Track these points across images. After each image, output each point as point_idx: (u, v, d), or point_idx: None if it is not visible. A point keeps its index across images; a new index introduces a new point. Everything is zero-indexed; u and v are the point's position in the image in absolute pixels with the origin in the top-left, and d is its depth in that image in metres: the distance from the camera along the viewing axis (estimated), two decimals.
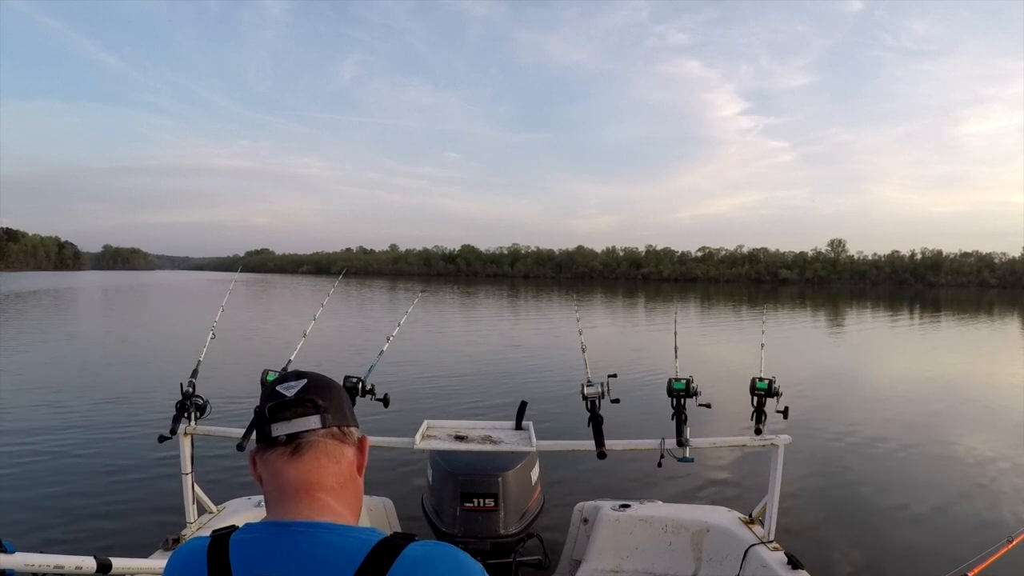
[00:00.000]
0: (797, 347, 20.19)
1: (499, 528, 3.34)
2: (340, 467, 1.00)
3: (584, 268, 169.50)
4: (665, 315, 34.31)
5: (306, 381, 1.02)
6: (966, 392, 12.81)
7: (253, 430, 2.94)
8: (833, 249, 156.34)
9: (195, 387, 3.22)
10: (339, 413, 1.03)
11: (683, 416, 3.10)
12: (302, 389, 1.00)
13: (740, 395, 3.45)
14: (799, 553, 3.03)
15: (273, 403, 1.00)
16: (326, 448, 0.99)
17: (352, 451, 1.04)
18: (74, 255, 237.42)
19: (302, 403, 0.99)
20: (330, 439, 1.00)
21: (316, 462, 0.98)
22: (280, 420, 0.98)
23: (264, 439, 1.00)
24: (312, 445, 0.98)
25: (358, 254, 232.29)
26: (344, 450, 1.02)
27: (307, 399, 0.99)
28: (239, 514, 3.50)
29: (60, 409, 9.45)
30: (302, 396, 1.00)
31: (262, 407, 1.01)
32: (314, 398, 1.00)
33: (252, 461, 1.02)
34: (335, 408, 1.02)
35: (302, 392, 1.00)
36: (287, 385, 1.01)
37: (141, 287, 67.11)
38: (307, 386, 1.01)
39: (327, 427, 1.00)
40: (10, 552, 1.95)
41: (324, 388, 1.03)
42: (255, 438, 1.03)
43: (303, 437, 0.98)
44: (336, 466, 1.00)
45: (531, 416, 3.52)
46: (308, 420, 0.99)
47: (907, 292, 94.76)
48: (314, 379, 1.04)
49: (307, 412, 0.99)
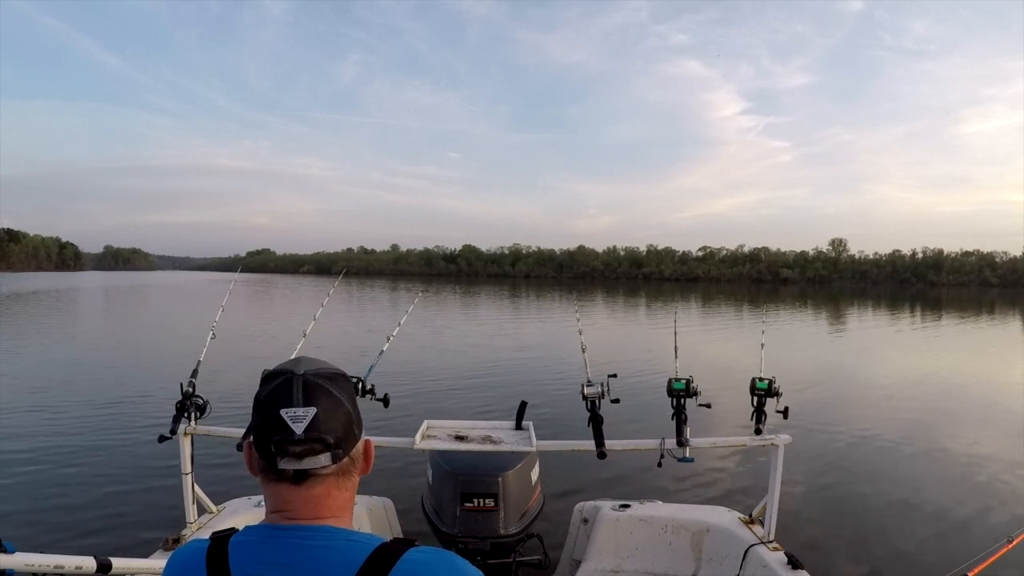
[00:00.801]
0: (798, 347, 20.17)
1: (499, 528, 3.33)
2: (346, 493, 0.98)
3: (585, 268, 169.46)
4: (666, 315, 34.29)
5: (315, 413, 0.91)
6: (967, 392, 12.80)
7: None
8: (834, 248, 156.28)
9: (195, 387, 3.22)
10: (349, 440, 0.96)
11: (683, 416, 3.09)
12: (311, 426, 0.90)
13: (740, 395, 3.45)
14: (799, 553, 3.03)
15: (279, 437, 0.91)
16: (336, 482, 0.96)
17: (357, 471, 1.00)
18: (75, 255, 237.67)
19: (314, 441, 0.91)
20: (340, 475, 0.96)
21: (326, 493, 0.95)
22: (287, 455, 0.91)
23: (270, 466, 0.93)
24: (321, 480, 0.94)
25: (359, 254, 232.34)
26: (352, 477, 0.99)
27: (318, 439, 0.91)
28: (239, 514, 3.50)
29: (60, 409, 9.45)
30: (314, 435, 0.91)
31: (266, 434, 0.92)
32: (325, 436, 0.91)
33: (248, 454, 0.98)
34: (344, 436, 0.95)
35: (311, 430, 0.90)
36: (293, 414, 0.91)
37: (142, 287, 67.13)
38: (316, 421, 0.91)
39: (338, 461, 0.94)
40: (10, 552, 1.94)
41: (333, 416, 0.93)
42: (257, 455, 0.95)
43: (312, 472, 0.93)
44: (343, 492, 0.98)
45: (531, 416, 3.51)
46: (318, 459, 0.92)
47: (908, 291, 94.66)
48: (324, 406, 0.92)
49: (317, 451, 0.92)
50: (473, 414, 9.22)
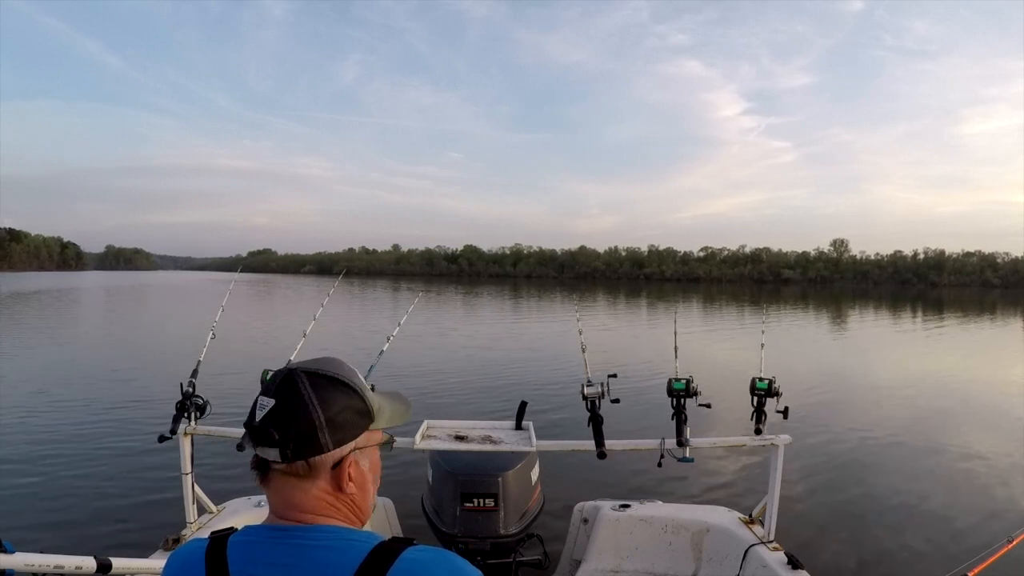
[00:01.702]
0: (798, 347, 20.16)
1: (499, 528, 3.33)
2: (309, 495, 0.94)
3: (586, 268, 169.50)
4: (666, 315, 34.26)
5: (273, 404, 0.93)
6: (967, 392, 12.77)
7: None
8: (836, 249, 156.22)
9: (195, 387, 3.22)
10: (307, 442, 0.92)
11: (683, 416, 3.09)
12: (265, 416, 0.92)
13: (740, 395, 3.45)
14: (799, 553, 3.03)
15: (248, 420, 0.95)
16: (292, 483, 0.94)
17: (322, 482, 0.95)
18: (77, 255, 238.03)
19: (263, 432, 0.92)
20: (290, 476, 0.93)
21: (281, 490, 0.95)
22: (251, 441, 0.94)
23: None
24: (275, 474, 0.94)
25: (360, 254, 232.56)
26: (306, 485, 0.94)
27: (264, 431, 0.92)
28: (239, 514, 3.50)
29: (60, 409, 9.46)
30: (264, 425, 0.92)
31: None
32: (272, 431, 0.91)
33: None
34: (300, 438, 0.92)
35: (265, 420, 0.92)
36: (261, 402, 0.94)
37: (143, 287, 67.18)
38: (270, 413, 0.92)
39: (287, 462, 0.92)
40: (10, 552, 1.94)
41: (289, 415, 0.92)
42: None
43: (268, 465, 0.94)
44: (304, 494, 0.94)
45: (531, 416, 3.51)
46: (267, 452, 0.93)
47: (910, 292, 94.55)
48: (285, 400, 0.93)
49: (266, 443, 0.92)
50: (473, 414, 9.22)
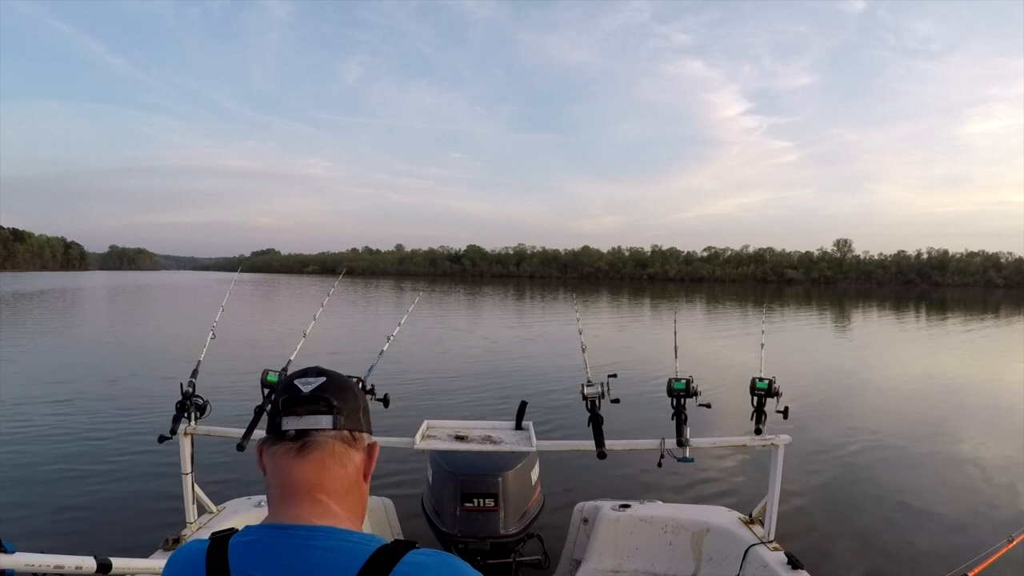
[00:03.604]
0: (799, 347, 20.13)
1: (499, 528, 3.33)
2: (346, 471, 0.99)
3: (590, 268, 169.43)
4: (668, 315, 34.22)
5: (325, 379, 1.01)
6: (968, 392, 12.73)
7: (253, 430, 2.94)
8: (839, 249, 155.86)
9: (195, 387, 3.22)
10: (353, 416, 1.01)
11: (683, 416, 3.09)
12: (319, 387, 0.99)
13: (740, 395, 3.45)
14: (799, 553, 3.03)
15: (287, 396, 0.99)
16: (333, 450, 0.98)
17: (360, 456, 1.02)
18: (80, 255, 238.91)
19: (316, 400, 0.98)
20: (339, 442, 0.99)
21: (322, 463, 0.97)
22: (292, 414, 0.97)
23: (274, 431, 0.98)
24: (320, 445, 0.97)
25: (364, 254, 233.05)
26: (352, 455, 1.00)
27: (322, 397, 0.98)
28: (239, 514, 3.51)
29: (61, 409, 9.48)
30: (318, 394, 0.98)
31: (276, 397, 1.00)
32: (329, 397, 0.99)
33: (259, 451, 1.01)
34: (349, 411, 1.01)
35: (319, 390, 0.99)
36: (305, 380, 1.00)
37: (146, 287, 67.30)
38: (324, 384, 1.00)
39: (338, 429, 0.98)
40: (10, 552, 1.95)
41: (341, 389, 1.01)
42: (266, 428, 1.02)
43: (312, 435, 0.97)
44: (342, 470, 0.99)
45: (531, 416, 3.52)
46: (320, 419, 0.97)
47: (913, 292, 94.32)
48: (333, 378, 1.02)
49: (320, 411, 0.98)
50: (473, 414, 9.22)
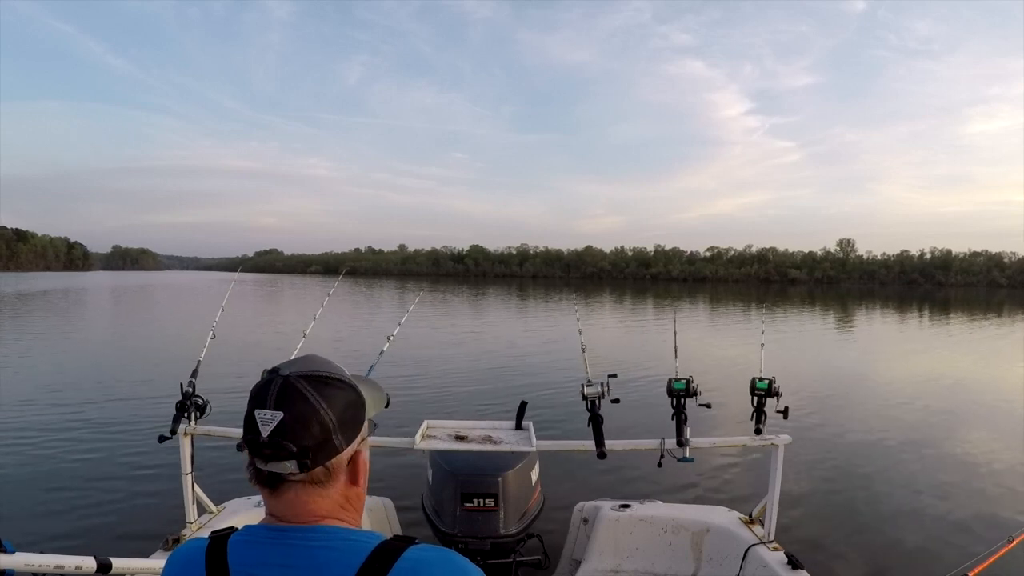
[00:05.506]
0: (800, 347, 20.09)
1: (499, 528, 3.33)
2: (329, 499, 0.94)
3: (593, 268, 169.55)
4: (670, 315, 34.18)
5: (281, 417, 0.89)
6: (968, 393, 12.68)
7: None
8: (842, 249, 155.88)
9: (195, 387, 3.23)
10: (324, 448, 0.91)
11: (683, 416, 3.09)
12: (277, 430, 0.88)
13: (740, 395, 3.44)
14: (799, 553, 3.02)
15: (250, 437, 0.91)
16: (311, 490, 0.92)
17: (341, 480, 0.96)
18: (83, 256, 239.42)
19: (277, 446, 0.89)
20: (309, 484, 0.92)
21: (297, 499, 0.93)
22: (258, 457, 0.91)
23: (252, 466, 0.93)
24: (291, 486, 0.92)
25: (367, 254, 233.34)
26: (328, 486, 0.94)
27: (281, 445, 0.88)
28: (239, 514, 3.51)
29: (61, 409, 9.50)
30: (277, 439, 0.88)
31: (244, 434, 0.92)
32: (288, 444, 0.88)
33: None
34: (317, 446, 0.90)
35: (277, 434, 0.88)
36: (262, 416, 0.89)
37: (148, 287, 67.44)
38: (283, 424, 0.88)
39: (306, 471, 0.90)
40: (10, 552, 1.95)
41: (303, 423, 0.89)
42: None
43: (284, 477, 0.91)
44: (322, 500, 0.94)
45: (531, 416, 3.51)
46: (283, 464, 0.89)
47: (916, 292, 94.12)
48: (294, 412, 0.89)
49: (282, 456, 0.89)
50: (473, 414, 9.22)
